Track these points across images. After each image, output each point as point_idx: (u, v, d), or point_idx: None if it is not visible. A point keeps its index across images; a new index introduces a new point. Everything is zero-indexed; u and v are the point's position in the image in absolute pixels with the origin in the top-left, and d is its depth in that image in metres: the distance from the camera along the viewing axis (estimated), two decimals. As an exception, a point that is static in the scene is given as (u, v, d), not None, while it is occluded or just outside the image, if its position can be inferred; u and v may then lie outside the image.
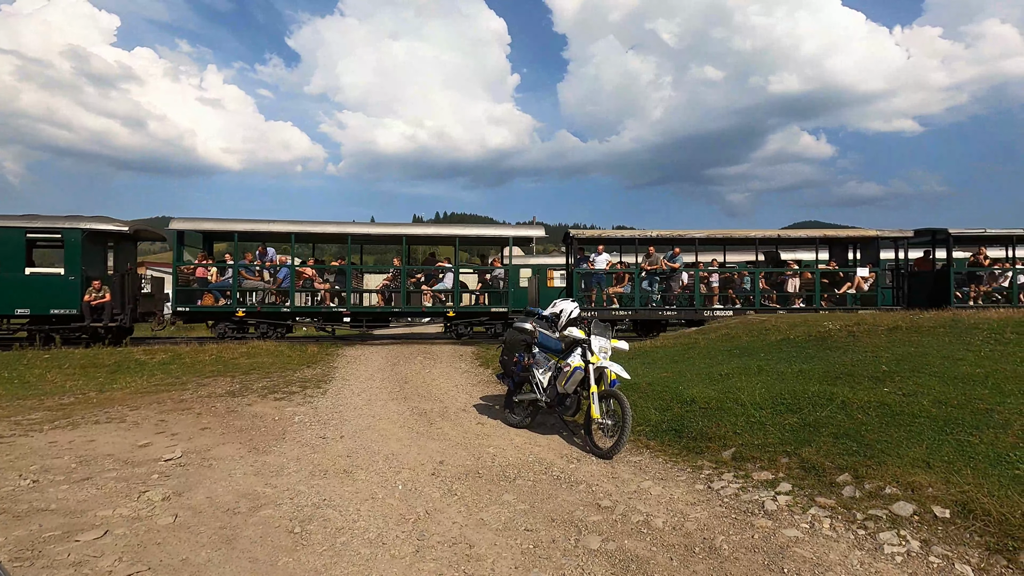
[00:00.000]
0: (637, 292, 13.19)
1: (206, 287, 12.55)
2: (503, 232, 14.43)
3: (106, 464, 4.56)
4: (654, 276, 13.55)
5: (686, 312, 13.39)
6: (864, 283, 13.56)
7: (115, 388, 7.70)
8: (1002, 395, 4.63)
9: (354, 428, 5.77)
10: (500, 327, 13.30)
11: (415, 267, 14.01)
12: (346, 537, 3.30)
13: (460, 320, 13.31)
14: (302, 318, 13.05)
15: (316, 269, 13.32)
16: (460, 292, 13.45)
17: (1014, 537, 2.96)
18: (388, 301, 13.38)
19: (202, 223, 13.03)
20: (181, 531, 3.36)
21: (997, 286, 13.63)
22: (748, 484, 4.05)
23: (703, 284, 13.60)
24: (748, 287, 13.73)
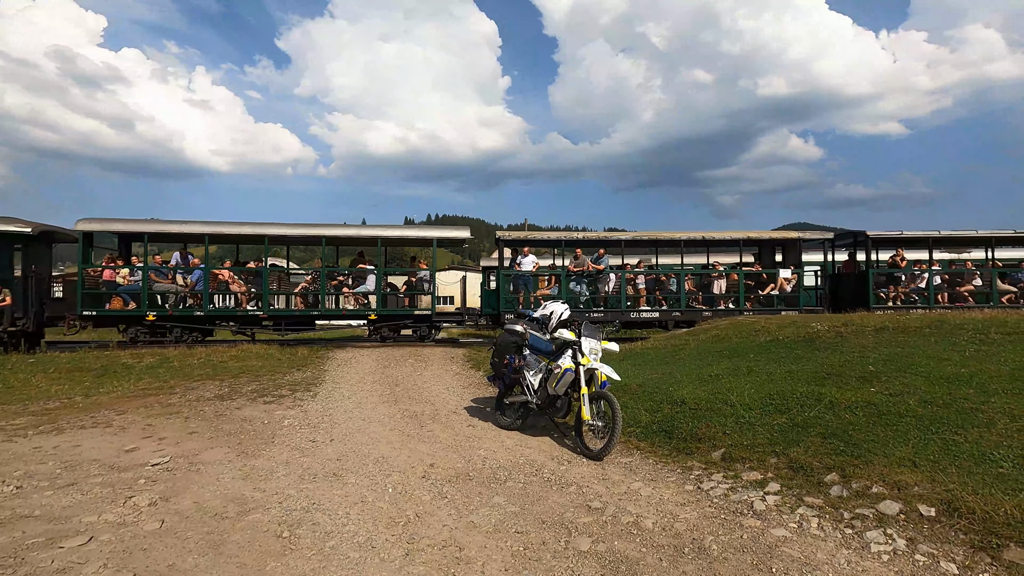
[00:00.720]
0: (564, 294, 13.10)
1: (115, 290, 12.12)
2: (428, 233, 14.13)
3: (92, 469, 4.50)
4: (582, 278, 13.54)
5: (613, 314, 13.37)
6: (787, 284, 13.73)
7: (101, 392, 7.60)
8: (986, 394, 4.69)
9: (344, 431, 5.74)
10: (426, 329, 13.24)
11: (335, 268, 13.72)
12: (335, 541, 3.28)
13: (383, 323, 13.06)
14: (220, 322, 12.60)
15: (235, 271, 12.94)
16: (383, 294, 13.18)
17: (998, 535, 2.99)
18: (309, 304, 13.05)
19: (112, 224, 12.63)
20: (168, 536, 3.32)
21: (915, 287, 13.82)
22: (737, 484, 4.08)
23: (630, 286, 13.59)
24: (674, 289, 13.76)
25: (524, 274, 13.39)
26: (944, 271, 14.31)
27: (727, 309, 13.55)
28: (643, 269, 14.36)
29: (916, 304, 13.55)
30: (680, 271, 13.81)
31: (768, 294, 13.78)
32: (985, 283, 13.71)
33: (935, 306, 13.19)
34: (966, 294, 13.65)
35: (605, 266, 13.53)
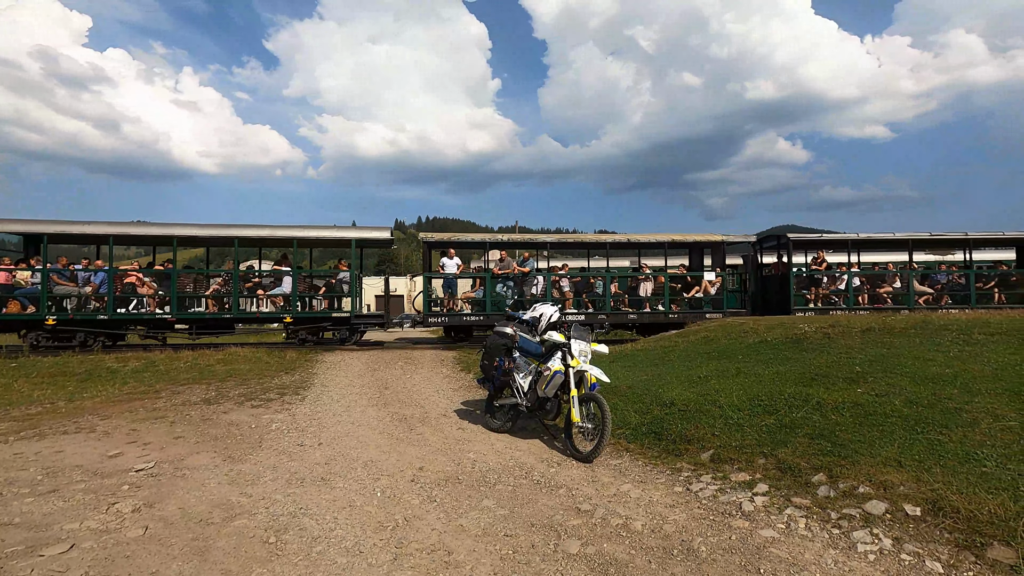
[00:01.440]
0: (488, 297, 12.93)
1: (11, 293, 11.62)
2: (346, 234, 13.65)
3: (74, 475, 4.42)
4: (507, 280, 13.40)
5: None
6: (711, 287, 13.81)
7: (85, 397, 7.49)
8: (970, 394, 4.75)
9: (333, 435, 5.69)
10: (346, 332, 12.99)
11: (250, 271, 13.40)
12: (322, 546, 3.25)
13: (300, 326, 12.75)
14: (128, 326, 12.16)
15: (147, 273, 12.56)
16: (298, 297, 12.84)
17: (981, 533, 3.02)
18: (223, 307, 12.60)
19: (12, 224, 12.25)
20: (151, 543, 3.27)
21: (835, 288, 13.96)
22: (726, 485, 4.09)
23: (555, 288, 13.46)
24: (600, 291, 13.67)
25: (448, 276, 13.22)
26: (863, 273, 14.42)
27: (653, 311, 13.53)
28: (567, 272, 14.25)
29: (837, 306, 13.69)
30: (607, 274, 13.74)
31: (694, 296, 13.81)
32: (904, 285, 13.84)
33: (855, 308, 13.37)
34: (885, 296, 13.75)
35: (531, 269, 13.42)
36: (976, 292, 13.72)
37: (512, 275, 13.39)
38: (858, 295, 13.77)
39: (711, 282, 13.91)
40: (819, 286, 14.01)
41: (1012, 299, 13.66)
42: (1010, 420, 4.18)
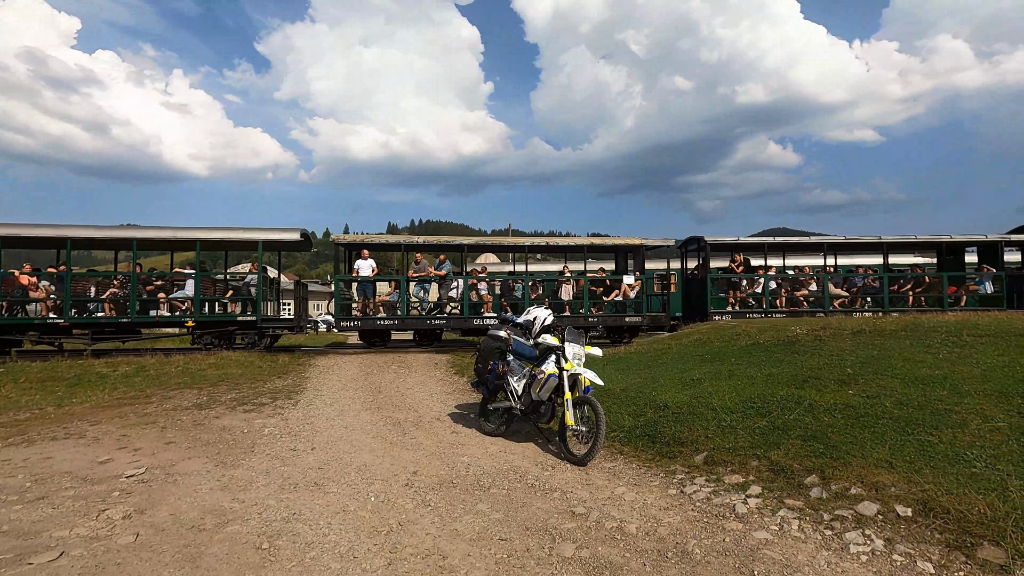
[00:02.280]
0: (404, 300, 12.68)
1: None
2: (253, 236, 12.91)
3: (63, 482, 4.37)
4: (424, 284, 13.18)
5: (455, 320, 13.02)
6: (631, 291, 13.69)
7: (75, 402, 7.41)
8: (960, 395, 4.80)
9: (326, 439, 5.66)
10: (255, 337, 12.46)
11: (153, 273, 12.92)
12: (316, 552, 3.23)
13: (204, 330, 12.23)
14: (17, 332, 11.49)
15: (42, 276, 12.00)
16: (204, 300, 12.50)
17: (972, 534, 3.05)
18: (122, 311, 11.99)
19: None
20: (142, 550, 3.24)
21: (752, 292, 13.96)
22: (720, 488, 4.11)
23: (473, 292, 13.21)
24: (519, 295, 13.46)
25: (362, 279, 12.87)
26: (780, 276, 14.42)
27: (572, 315, 13.22)
28: (486, 275, 14.03)
29: (754, 309, 13.68)
30: (525, 276, 13.63)
31: (613, 300, 13.66)
32: (820, 288, 13.85)
33: (771, 311, 13.35)
34: (802, 299, 13.75)
35: (447, 272, 13.17)
36: (891, 295, 13.79)
37: (429, 277, 13.08)
38: (776, 298, 13.72)
39: (630, 285, 13.75)
40: (737, 289, 13.95)
41: (927, 301, 13.70)
42: (999, 421, 4.23)
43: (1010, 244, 14.34)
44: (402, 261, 13.80)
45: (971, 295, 13.80)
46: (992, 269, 13.87)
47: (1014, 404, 4.50)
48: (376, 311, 12.82)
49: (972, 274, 14.37)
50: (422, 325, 13.00)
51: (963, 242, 14.58)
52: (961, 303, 13.61)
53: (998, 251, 13.99)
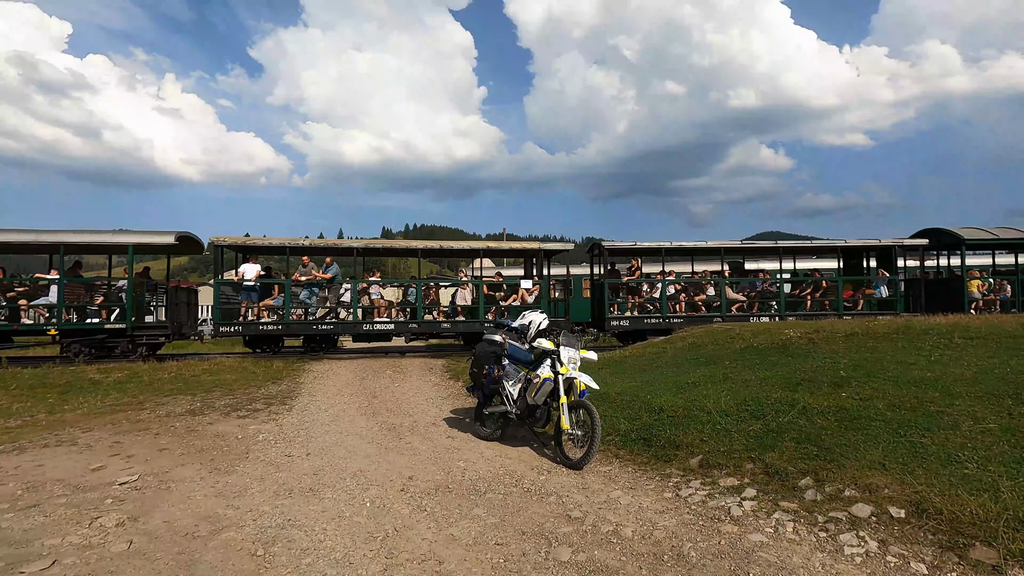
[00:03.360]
0: (287, 306, 12.14)
1: None
2: (122, 239, 12.15)
3: (55, 490, 4.34)
4: (312, 288, 12.58)
5: (343, 326, 12.58)
6: (528, 295, 13.29)
7: (66, 409, 7.34)
8: (951, 397, 4.85)
9: (321, 445, 5.64)
10: (127, 345, 11.78)
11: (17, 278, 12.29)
12: (311, 558, 3.22)
13: (70, 339, 11.46)
14: None
15: None
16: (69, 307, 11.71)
17: (964, 534, 3.08)
18: None
19: None
20: (136, 558, 3.21)
21: (649, 297, 13.82)
22: (715, 491, 4.12)
23: (364, 296, 12.73)
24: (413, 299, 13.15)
25: (246, 283, 12.26)
26: (678, 281, 14.32)
27: (468, 322, 12.86)
28: (378, 279, 13.63)
29: (651, 314, 13.50)
30: (418, 282, 13.25)
31: (511, 305, 13.16)
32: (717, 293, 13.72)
33: (669, 316, 13.25)
34: (699, 303, 13.63)
35: (334, 275, 12.66)
36: (791, 299, 13.81)
37: (316, 281, 12.55)
38: (675, 303, 13.59)
39: (528, 290, 13.34)
40: (635, 294, 13.80)
41: (822, 305, 13.69)
42: (990, 422, 4.27)
43: (904, 248, 14.39)
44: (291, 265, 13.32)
45: (868, 299, 13.79)
46: (886, 273, 13.87)
47: (1005, 406, 4.55)
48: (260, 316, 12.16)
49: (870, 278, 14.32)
50: (307, 331, 12.50)
51: (861, 247, 14.63)
52: (858, 307, 13.61)
53: (891, 256, 14.01)
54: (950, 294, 13.94)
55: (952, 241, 14.08)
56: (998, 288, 14.09)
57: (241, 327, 12.07)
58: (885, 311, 13.28)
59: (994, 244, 14.37)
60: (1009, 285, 14.09)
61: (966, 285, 13.53)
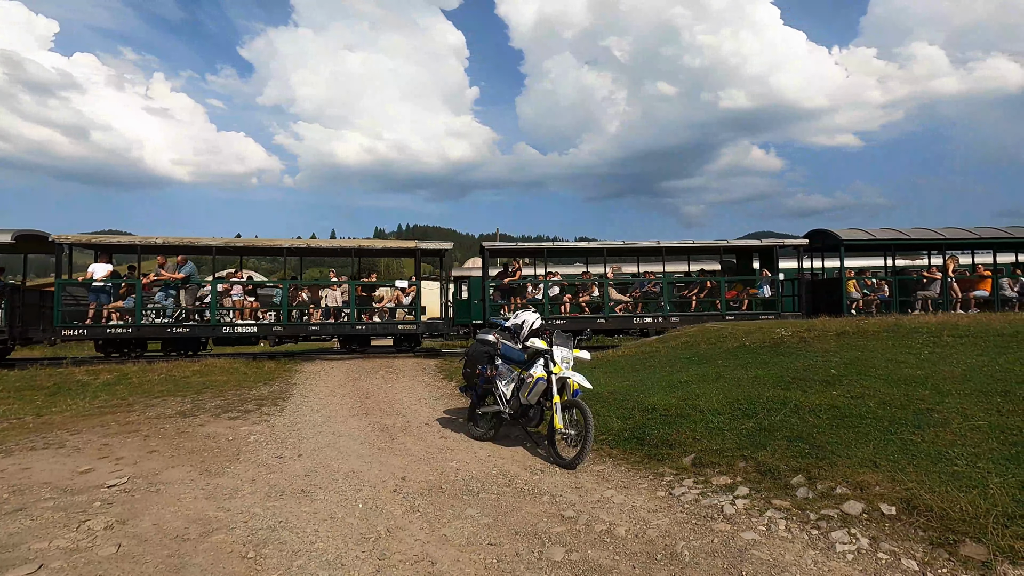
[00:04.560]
0: (138, 308, 11.45)
1: None
2: None
3: (42, 493, 4.28)
4: (168, 290, 11.94)
5: (201, 329, 11.86)
6: (403, 297, 13.11)
7: (54, 411, 7.26)
8: (941, 395, 4.88)
9: (313, 446, 5.60)
10: None
11: None
12: (303, 560, 3.19)
13: None
14: None
15: None
16: None
17: (954, 531, 3.10)
18: None
19: None
20: (124, 561, 3.17)
21: (532, 298, 13.46)
22: (708, 489, 4.13)
23: (226, 297, 12.19)
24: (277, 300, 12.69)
25: (94, 283, 11.49)
26: (562, 281, 13.99)
27: (338, 323, 12.42)
28: (241, 279, 12.99)
29: None
30: (284, 282, 12.65)
31: (384, 306, 12.92)
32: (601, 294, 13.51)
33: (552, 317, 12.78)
34: (583, 304, 13.48)
35: (188, 275, 12.03)
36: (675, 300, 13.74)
37: (170, 282, 11.87)
38: (559, 304, 13.26)
39: (403, 291, 13.05)
40: (518, 296, 13.37)
41: (708, 306, 13.66)
42: (979, 420, 4.31)
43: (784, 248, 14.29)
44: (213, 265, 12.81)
45: (752, 299, 13.74)
46: (769, 273, 13.87)
47: (993, 403, 4.59)
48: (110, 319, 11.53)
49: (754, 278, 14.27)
50: (161, 334, 11.78)
51: (743, 247, 14.65)
52: (743, 307, 13.60)
53: (774, 256, 13.94)
54: (831, 295, 14.00)
55: (833, 242, 14.04)
56: (877, 288, 14.10)
57: (87, 330, 11.29)
58: (768, 311, 13.29)
59: (871, 245, 14.32)
60: (887, 286, 14.05)
61: (844, 286, 13.50)
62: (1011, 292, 13.66)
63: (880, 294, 14.01)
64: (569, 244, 14.85)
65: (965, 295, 13.57)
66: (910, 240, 14.18)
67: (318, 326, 12.49)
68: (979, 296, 13.55)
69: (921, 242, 14.42)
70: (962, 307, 13.42)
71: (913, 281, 14.11)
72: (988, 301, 13.38)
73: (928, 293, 13.65)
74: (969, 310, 13.16)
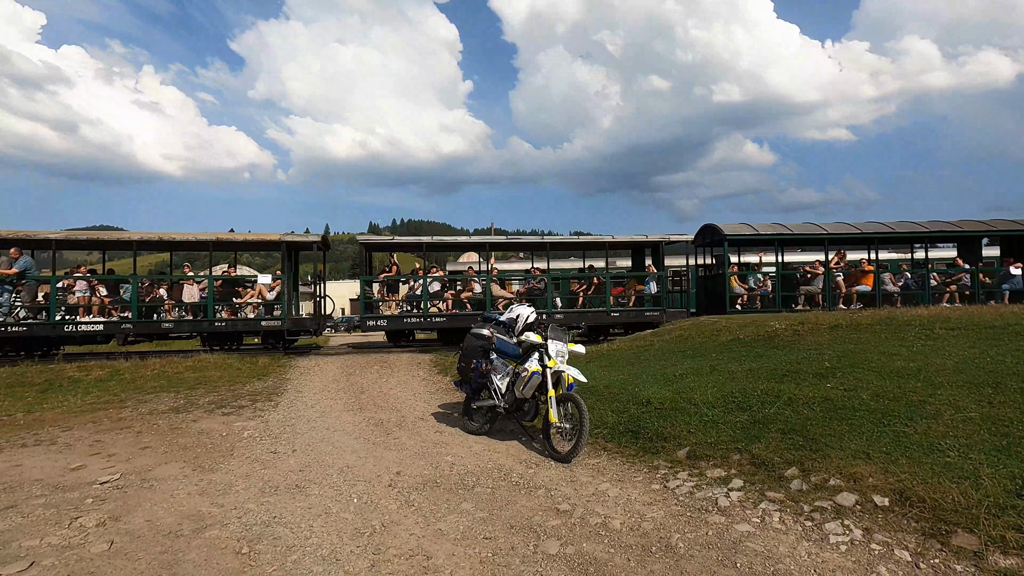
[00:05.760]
0: None
1: None
2: None
3: (33, 490, 4.24)
4: (4, 285, 11.21)
5: (41, 328, 11.24)
6: (267, 291, 12.59)
7: (45, 408, 7.19)
8: (933, 387, 4.91)
9: (307, 441, 5.58)
10: None
11: None
12: (297, 555, 3.18)
13: None
14: None
15: None
16: None
17: (946, 522, 3.12)
18: None
19: None
20: (117, 558, 3.15)
21: (411, 294, 13.27)
22: (702, 482, 4.14)
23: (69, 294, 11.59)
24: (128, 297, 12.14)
25: None
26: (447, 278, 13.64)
27: (196, 321, 11.98)
28: (85, 274, 12.26)
29: (410, 314, 12.81)
30: (135, 278, 12.01)
31: (247, 301, 12.48)
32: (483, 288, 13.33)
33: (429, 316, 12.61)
34: (465, 300, 13.27)
35: (23, 269, 11.29)
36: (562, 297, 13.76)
37: (7, 278, 11.14)
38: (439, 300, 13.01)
39: (267, 286, 12.54)
40: (395, 292, 13.32)
41: (595, 303, 13.64)
42: (971, 412, 4.34)
43: (670, 244, 14.33)
44: None
45: (639, 295, 13.73)
46: (655, 269, 13.92)
47: (985, 395, 4.63)
48: None
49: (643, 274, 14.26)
50: None
51: (628, 243, 14.60)
52: (630, 304, 13.60)
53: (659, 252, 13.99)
54: (715, 290, 14.05)
55: (718, 237, 14.03)
56: (761, 284, 14.11)
57: None
58: (655, 308, 13.32)
59: (754, 240, 14.35)
60: (770, 281, 14.04)
61: (728, 281, 13.50)
62: (893, 287, 13.78)
63: (763, 290, 13.98)
64: (449, 239, 14.74)
65: (848, 290, 13.66)
66: (793, 235, 14.24)
67: (173, 323, 11.91)
68: (862, 291, 13.64)
69: (804, 237, 14.48)
70: (844, 302, 13.53)
71: (797, 277, 14.16)
72: (871, 296, 13.50)
73: (811, 289, 13.74)
74: (851, 305, 13.32)
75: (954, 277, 14.06)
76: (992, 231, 14.32)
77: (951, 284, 13.92)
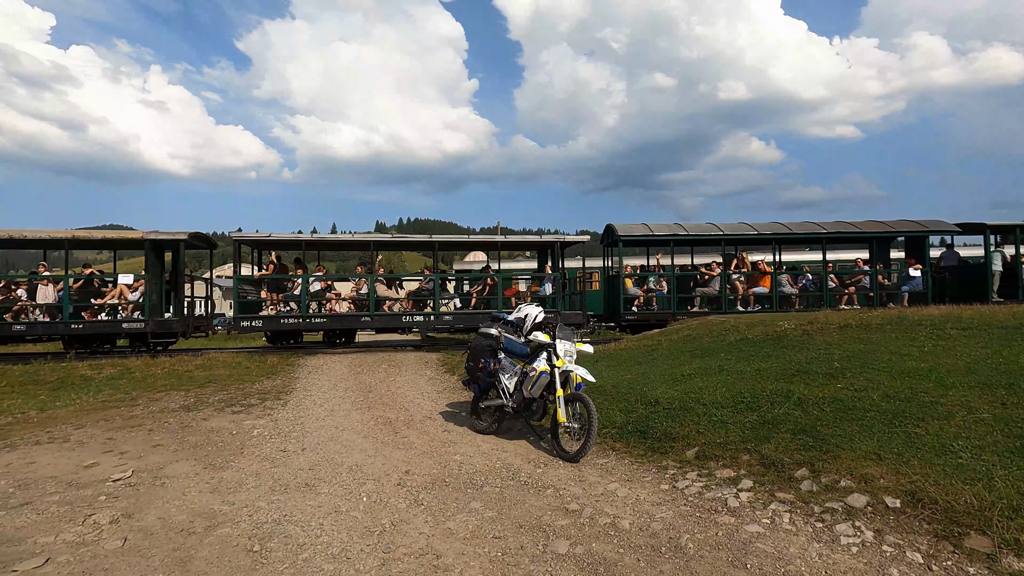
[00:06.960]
0: None
1: None
2: None
3: (48, 487, 4.30)
4: None
5: None
6: (129, 291, 12.01)
7: (58, 406, 7.27)
8: (945, 388, 4.87)
9: (316, 440, 5.62)
10: None
11: None
12: (308, 553, 3.20)
13: None
14: None
15: None
16: None
17: (959, 523, 3.10)
18: None
19: None
20: (130, 555, 3.19)
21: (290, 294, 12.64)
22: (711, 482, 4.13)
23: None
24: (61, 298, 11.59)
25: None
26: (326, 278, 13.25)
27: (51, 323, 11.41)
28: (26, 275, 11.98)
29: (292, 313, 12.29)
30: (65, 277, 11.57)
31: (108, 302, 11.81)
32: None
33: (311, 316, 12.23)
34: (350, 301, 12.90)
35: None
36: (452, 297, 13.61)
37: None
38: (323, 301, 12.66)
39: (128, 286, 11.89)
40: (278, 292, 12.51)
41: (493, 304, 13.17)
42: (983, 412, 4.29)
43: (566, 245, 14.04)
44: None
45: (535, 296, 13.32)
46: (550, 271, 13.68)
47: (998, 395, 4.58)
48: None
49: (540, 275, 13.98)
50: None
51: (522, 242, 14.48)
52: None
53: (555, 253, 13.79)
54: (613, 290, 13.81)
55: (613, 238, 13.77)
56: (657, 285, 13.87)
57: None
58: (550, 310, 12.77)
59: (647, 240, 14.15)
60: (665, 282, 13.75)
61: (622, 283, 13.26)
62: (790, 288, 13.62)
63: (659, 291, 13.77)
64: (330, 236, 14.49)
65: (746, 292, 13.51)
66: (688, 236, 14.02)
67: (25, 326, 11.23)
68: (759, 293, 13.50)
69: (699, 238, 14.27)
70: (742, 304, 13.39)
71: (693, 278, 13.98)
72: (768, 297, 13.37)
73: (707, 290, 13.60)
74: (749, 307, 13.19)
75: (853, 279, 13.95)
76: (892, 232, 14.03)
77: (850, 286, 13.83)
